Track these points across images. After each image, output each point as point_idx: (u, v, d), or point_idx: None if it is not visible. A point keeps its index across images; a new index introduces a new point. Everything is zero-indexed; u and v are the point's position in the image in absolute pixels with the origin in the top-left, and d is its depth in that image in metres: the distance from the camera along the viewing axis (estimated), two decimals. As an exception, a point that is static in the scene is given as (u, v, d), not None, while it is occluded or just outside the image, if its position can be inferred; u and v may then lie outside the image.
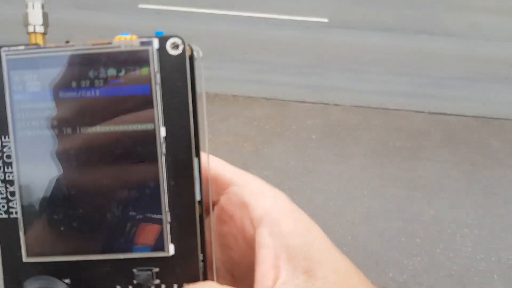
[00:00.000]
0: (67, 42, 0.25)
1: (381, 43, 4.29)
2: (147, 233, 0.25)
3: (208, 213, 0.27)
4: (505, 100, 3.42)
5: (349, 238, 1.96)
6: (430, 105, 3.15)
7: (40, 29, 0.26)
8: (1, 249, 0.26)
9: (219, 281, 0.25)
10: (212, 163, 0.28)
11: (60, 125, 0.25)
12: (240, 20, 4.50)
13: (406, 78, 3.64)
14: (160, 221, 0.25)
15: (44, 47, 0.25)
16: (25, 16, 0.27)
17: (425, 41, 4.41)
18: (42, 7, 0.27)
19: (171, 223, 0.25)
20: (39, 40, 0.26)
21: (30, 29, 0.26)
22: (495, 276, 1.77)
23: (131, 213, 0.25)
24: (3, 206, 0.26)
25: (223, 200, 0.28)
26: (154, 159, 0.25)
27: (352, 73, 3.65)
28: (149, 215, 0.25)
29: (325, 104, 3.01)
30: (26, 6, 0.26)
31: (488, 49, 4.34)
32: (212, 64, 3.39)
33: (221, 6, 4.81)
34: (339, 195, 2.14)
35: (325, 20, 4.73)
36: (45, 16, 0.27)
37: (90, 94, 0.25)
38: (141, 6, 4.56)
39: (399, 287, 1.70)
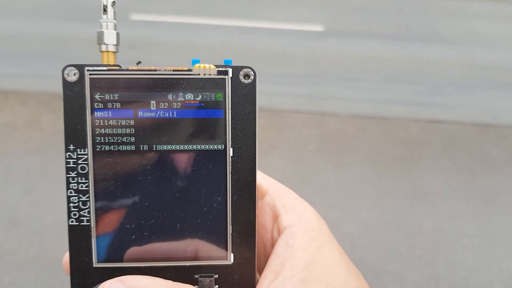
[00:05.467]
0: (139, 63, 0.28)
1: (377, 51, 4.28)
2: (211, 243, 0.28)
3: None
4: (503, 106, 3.41)
5: (348, 250, 1.93)
6: (427, 113, 3.14)
7: (112, 48, 0.28)
8: (70, 254, 0.28)
9: None
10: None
11: (137, 142, 0.27)
12: (234, 30, 4.50)
13: (403, 86, 3.63)
14: (223, 232, 0.28)
15: (126, 69, 0.27)
16: (100, 35, 0.28)
17: (421, 48, 4.42)
18: (115, 27, 0.28)
19: (232, 234, 0.28)
20: (111, 58, 0.28)
21: (103, 48, 0.28)
22: (497, 286, 1.74)
23: (197, 224, 0.27)
24: (74, 214, 0.27)
25: (257, 210, 0.30)
26: (222, 176, 0.27)
27: (348, 82, 3.65)
28: (214, 226, 0.28)
29: (322, 114, 2.99)
30: (101, 26, 0.28)
31: (484, 55, 4.34)
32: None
33: (215, 16, 4.82)
34: (336, 206, 2.11)
35: (320, 29, 4.74)
36: (118, 36, 0.28)
37: (167, 115, 0.27)
38: (133, 17, 4.56)
39: (400, 301, 1.66)
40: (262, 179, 0.32)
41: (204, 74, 0.27)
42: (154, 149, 0.27)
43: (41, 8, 4.74)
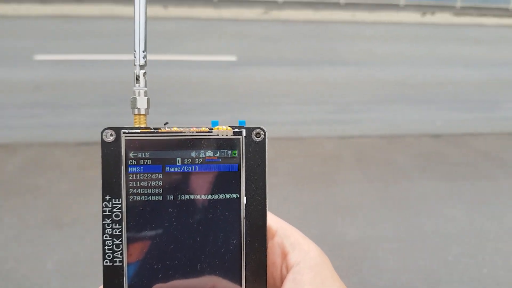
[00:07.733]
0: (166, 123, 0.31)
1: (288, 76, 4.49)
2: (227, 280, 0.31)
3: None
4: (404, 118, 3.73)
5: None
6: (339, 130, 3.33)
7: (144, 112, 0.32)
8: None
9: None
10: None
11: (164, 193, 0.31)
12: (151, 64, 4.45)
13: (315, 107, 3.83)
14: (238, 271, 0.31)
15: (156, 131, 0.31)
16: (133, 101, 0.32)
17: (327, 71, 4.71)
18: (146, 93, 0.33)
19: (246, 273, 0.31)
20: (142, 120, 0.32)
21: (136, 112, 0.32)
22: (418, 285, 1.85)
23: (215, 263, 0.31)
24: (109, 256, 0.31)
25: (268, 249, 0.33)
26: (237, 222, 0.31)
27: (265, 106, 3.77)
28: (230, 265, 0.31)
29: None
30: (134, 93, 0.32)
31: (384, 73, 4.74)
32: (122, 110, 3.29)
33: (125, 51, 4.75)
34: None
35: (234, 58, 4.87)
36: (148, 101, 0.33)
37: (191, 169, 0.31)
38: (37, 57, 4.34)
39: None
40: (271, 220, 0.35)
41: (222, 135, 0.31)
42: (179, 198, 0.31)
43: None
